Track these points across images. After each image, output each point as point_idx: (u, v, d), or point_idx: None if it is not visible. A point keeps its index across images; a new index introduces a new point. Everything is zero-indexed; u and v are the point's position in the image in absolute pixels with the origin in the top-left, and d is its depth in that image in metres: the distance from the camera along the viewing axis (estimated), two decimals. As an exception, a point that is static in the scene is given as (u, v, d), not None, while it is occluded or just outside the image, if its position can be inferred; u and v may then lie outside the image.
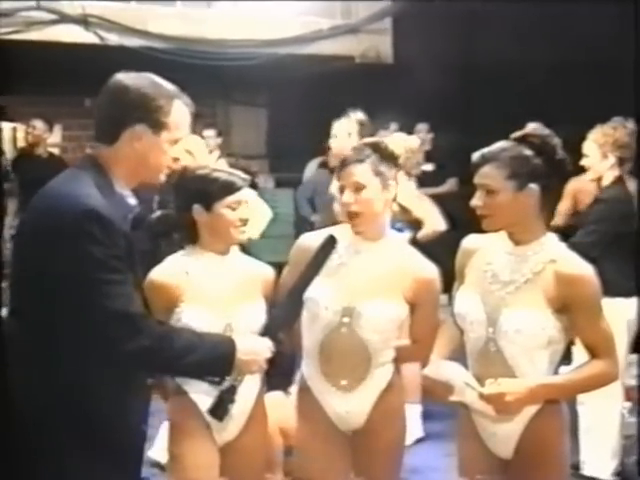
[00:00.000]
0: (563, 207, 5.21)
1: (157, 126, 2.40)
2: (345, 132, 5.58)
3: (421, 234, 5.17)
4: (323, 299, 2.90)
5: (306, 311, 2.93)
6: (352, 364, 2.93)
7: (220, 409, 2.77)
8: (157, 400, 2.96)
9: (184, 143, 2.55)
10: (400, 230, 5.06)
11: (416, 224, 5.19)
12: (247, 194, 3.02)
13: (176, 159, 2.55)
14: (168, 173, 2.53)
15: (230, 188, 2.95)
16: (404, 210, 5.04)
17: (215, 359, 2.53)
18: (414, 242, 5.05)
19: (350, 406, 2.96)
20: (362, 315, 2.89)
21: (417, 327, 2.98)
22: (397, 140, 5.13)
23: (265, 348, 2.70)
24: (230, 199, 2.94)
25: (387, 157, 2.96)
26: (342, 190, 2.96)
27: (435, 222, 5.14)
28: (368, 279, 2.91)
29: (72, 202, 2.28)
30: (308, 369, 3.02)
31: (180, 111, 2.45)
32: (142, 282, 2.63)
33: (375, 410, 2.97)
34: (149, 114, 2.39)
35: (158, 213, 3.83)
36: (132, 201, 2.47)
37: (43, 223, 2.32)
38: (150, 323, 2.43)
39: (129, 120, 2.39)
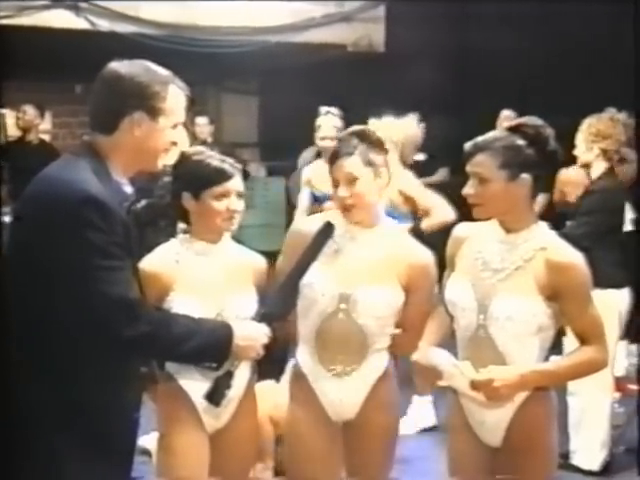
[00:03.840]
0: (553, 197, 5.21)
1: (154, 112, 2.41)
2: (334, 129, 5.60)
3: (427, 223, 5.08)
4: (319, 285, 2.90)
5: (302, 297, 2.93)
6: (348, 350, 2.94)
7: (217, 394, 2.77)
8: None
9: (181, 129, 2.54)
10: (398, 220, 4.98)
11: (415, 214, 5.12)
12: (238, 184, 2.95)
13: (174, 143, 2.53)
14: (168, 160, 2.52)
15: (219, 177, 2.90)
16: (407, 199, 5.01)
17: (213, 345, 2.55)
18: (415, 232, 5.00)
19: (345, 393, 2.96)
20: (359, 301, 2.90)
21: (411, 312, 2.98)
22: (396, 125, 5.13)
23: (262, 334, 2.72)
24: (218, 189, 2.89)
25: (375, 144, 2.96)
26: (336, 184, 2.96)
27: (444, 212, 5.01)
28: (364, 265, 2.92)
29: (70, 188, 2.28)
30: (303, 355, 3.02)
31: (176, 96, 2.46)
32: (138, 268, 2.62)
33: (369, 399, 2.97)
34: (146, 101, 2.40)
35: (144, 202, 3.82)
36: (128, 189, 2.47)
37: (40, 210, 2.31)
38: (148, 309, 2.45)
39: (126, 109, 2.40)
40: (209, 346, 2.55)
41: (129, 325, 2.33)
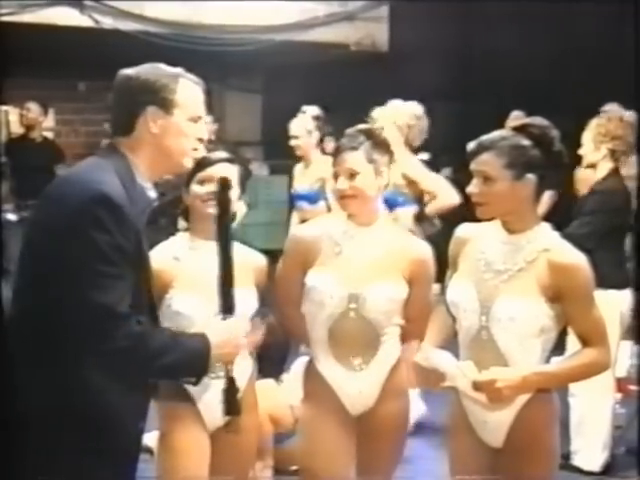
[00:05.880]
0: None
1: (167, 105, 2.39)
2: (304, 130, 5.57)
3: (432, 207, 5.07)
4: (327, 288, 2.95)
5: (309, 301, 2.98)
6: (361, 345, 2.99)
7: (233, 406, 2.65)
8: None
9: (202, 124, 2.50)
10: (402, 204, 4.98)
11: (419, 197, 5.11)
12: (223, 169, 2.91)
13: (200, 140, 2.49)
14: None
15: (202, 163, 2.91)
16: (410, 183, 5.00)
17: (188, 360, 2.43)
18: (419, 216, 5.01)
19: (363, 385, 3.01)
20: (367, 299, 2.95)
21: (413, 305, 3.03)
22: (401, 108, 5.13)
23: (237, 334, 2.57)
24: (201, 174, 2.93)
25: (380, 144, 3.01)
26: (336, 176, 3.01)
27: (448, 195, 5.00)
28: (368, 263, 2.97)
29: (85, 187, 2.25)
30: (317, 354, 3.05)
31: (187, 88, 2.44)
32: (150, 278, 2.49)
33: (385, 389, 3.02)
34: (155, 95, 2.38)
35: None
36: (152, 194, 2.43)
37: (53, 208, 2.29)
38: (130, 323, 2.30)
39: (139, 105, 2.38)
40: (184, 362, 2.42)
41: (107, 338, 2.23)
